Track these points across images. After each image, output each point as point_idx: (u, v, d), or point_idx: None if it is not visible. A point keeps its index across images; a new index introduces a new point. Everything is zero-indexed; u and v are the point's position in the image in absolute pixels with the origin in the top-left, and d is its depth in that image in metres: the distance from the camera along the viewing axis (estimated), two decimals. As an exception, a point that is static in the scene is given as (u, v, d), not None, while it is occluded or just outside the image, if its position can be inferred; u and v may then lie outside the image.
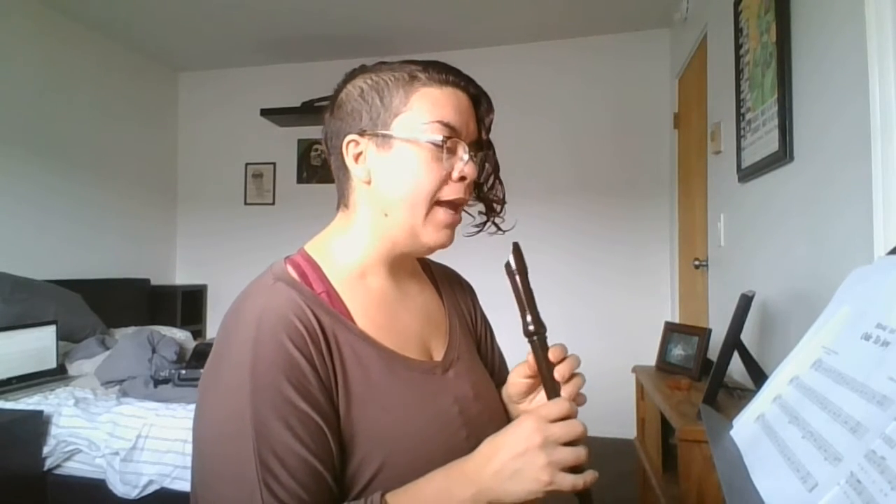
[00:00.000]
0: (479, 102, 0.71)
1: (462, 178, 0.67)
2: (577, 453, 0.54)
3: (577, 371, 0.65)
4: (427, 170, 0.65)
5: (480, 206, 0.76)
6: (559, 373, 0.63)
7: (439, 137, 0.65)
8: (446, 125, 0.65)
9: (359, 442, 0.60)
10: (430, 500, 0.56)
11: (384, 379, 0.64)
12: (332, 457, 0.57)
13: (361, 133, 0.67)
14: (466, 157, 0.67)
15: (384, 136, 0.66)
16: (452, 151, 0.66)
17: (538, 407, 0.58)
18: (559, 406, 0.57)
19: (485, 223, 0.77)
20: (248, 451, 0.54)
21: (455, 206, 0.68)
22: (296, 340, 0.58)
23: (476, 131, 0.70)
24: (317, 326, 0.61)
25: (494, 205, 0.76)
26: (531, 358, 0.65)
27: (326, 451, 0.57)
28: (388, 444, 0.61)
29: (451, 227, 0.68)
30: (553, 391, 0.62)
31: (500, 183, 0.76)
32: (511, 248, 0.63)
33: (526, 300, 0.63)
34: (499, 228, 0.77)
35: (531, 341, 0.63)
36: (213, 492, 0.56)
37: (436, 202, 0.66)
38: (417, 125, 0.65)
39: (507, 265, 0.63)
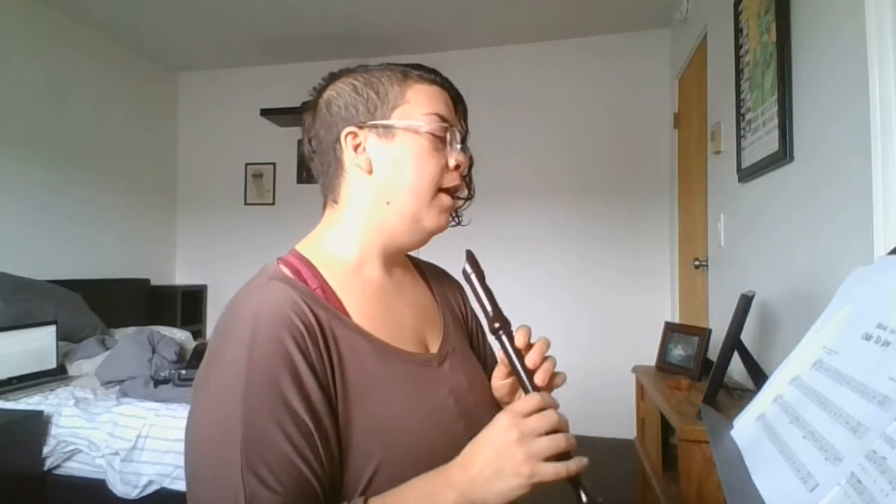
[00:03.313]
0: (458, 103, 0.75)
1: (457, 167, 0.71)
2: (556, 441, 0.54)
3: (548, 354, 0.66)
4: (430, 158, 0.68)
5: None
6: (530, 361, 0.64)
7: (441, 126, 0.69)
8: (441, 117, 0.69)
9: (358, 438, 0.60)
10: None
11: (380, 372, 0.64)
12: (322, 462, 0.56)
13: (360, 125, 0.69)
14: (460, 146, 0.71)
15: (386, 126, 0.69)
16: (446, 143, 0.70)
17: (512, 404, 0.58)
18: (532, 399, 0.57)
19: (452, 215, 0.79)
20: (235, 454, 0.53)
21: (453, 192, 0.72)
22: (295, 336, 0.58)
23: (461, 127, 0.74)
24: (314, 322, 0.60)
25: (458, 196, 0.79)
26: (502, 355, 0.66)
27: (315, 455, 0.56)
28: (387, 439, 0.61)
29: (450, 211, 0.72)
30: (526, 383, 0.62)
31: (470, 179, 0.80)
32: (465, 254, 0.68)
33: (487, 299, 0.66)
34: (458, 223, 0.79)
35: (498, 338, 0.65)
36: (196, 493, 0.56)
37: (439, 189, 0.70)
38: (417, 116, 0.69)
39: (464, 271, 0.67)
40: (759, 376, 1.50)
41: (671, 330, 2.22)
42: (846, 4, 1.24)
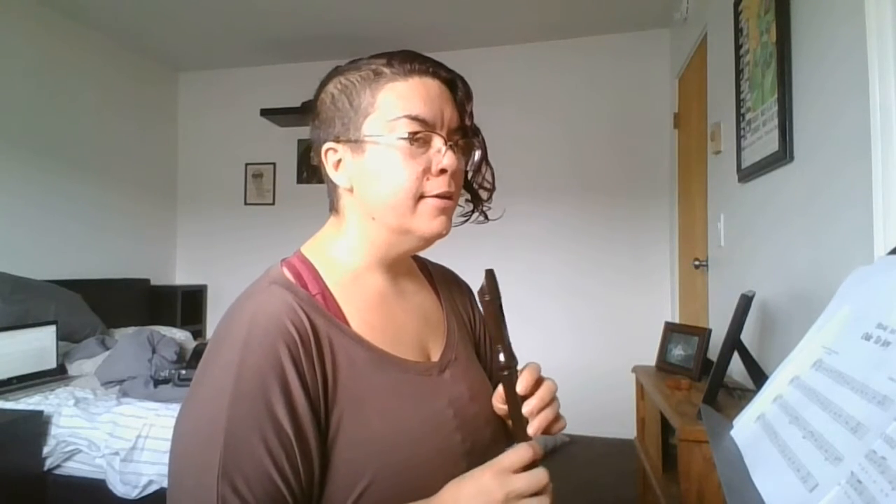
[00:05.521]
0: (455, 87, 0.68)
1: (443, 171, 0.64)
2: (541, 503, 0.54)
3: (553, 397, 0.63)
4: (403, 168, 0.62)
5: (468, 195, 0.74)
6: (527, 409, 0.60)
7: (406, 133, 0.62)
8: (415, 118, 0.63)
9: (351, 449, 0.59)
10: None
11: (377, 382, 0.63)
12: (300, 479, 0.55)
13: (337, 140, 0.66)
14: (444, 148, 0.64)
15: (355, 141, 0.64)
16: (427, 144, 0.64)
17: (501, 457, 0.56)
18: (521, 454, 0.55)
19: (471, 213, 0.74)
20: (214, 461, 0.52)
21: (443, 196, 0.65)
22: (289, 345, 0.57)
23: (457, 117, 0.67)
24: (310, 330, 0.59)
25: (481, 192, 0.74)
26: (501, 390, 0.63)
27: (294, 472, 0.55)
28: (382, 449, 0.60)
29: (445, 212, 0.65)
30: (520, 430, 0.60)
31: (490, 167, 0.73)
32: (484, 274, 0.59)
33: (496, 330, 0.60)
34: (486, 217, 0.75)
35: (500, 376, 0.61)
36: (173, 491, 0.55)
37: (420, 197, 0.64)
38: (386, 124, 0.63)
39: (481, 291, 0.59)
40: (759, 376, 1.50)
41: (671, 330, 2.22)
42: (846, 4, 1.24)
